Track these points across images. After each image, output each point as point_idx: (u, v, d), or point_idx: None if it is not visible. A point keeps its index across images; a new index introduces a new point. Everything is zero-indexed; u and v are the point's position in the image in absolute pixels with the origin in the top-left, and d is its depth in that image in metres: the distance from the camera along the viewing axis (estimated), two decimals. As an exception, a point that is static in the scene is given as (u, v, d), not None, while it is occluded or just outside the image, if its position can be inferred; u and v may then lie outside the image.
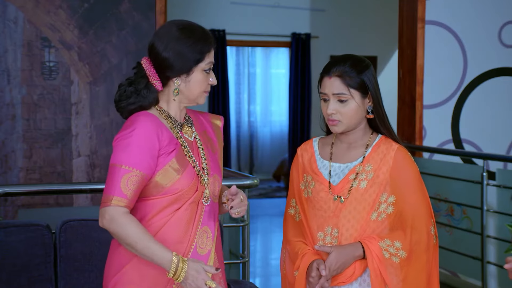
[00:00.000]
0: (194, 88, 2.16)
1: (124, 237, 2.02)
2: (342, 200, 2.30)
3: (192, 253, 2.14)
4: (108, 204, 2.03)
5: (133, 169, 2.04)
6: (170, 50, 2.11)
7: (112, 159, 2.09)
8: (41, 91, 4.58)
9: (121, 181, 2.03)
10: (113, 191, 2.04)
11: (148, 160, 2.06)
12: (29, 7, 4.55)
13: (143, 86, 2.15)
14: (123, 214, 2.03)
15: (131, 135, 2.06)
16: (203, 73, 2.15)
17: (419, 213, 2.28)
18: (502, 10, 5.50)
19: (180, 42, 2.11)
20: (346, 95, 2.28)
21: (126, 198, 2.04)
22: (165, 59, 2.12)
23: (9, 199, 4.47)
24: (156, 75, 2.15)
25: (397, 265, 2.24)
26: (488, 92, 5.50)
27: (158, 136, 2.08)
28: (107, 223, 2.03)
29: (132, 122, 2.10)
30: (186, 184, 2.12)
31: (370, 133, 2.38)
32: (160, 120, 2.14)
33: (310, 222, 2.35)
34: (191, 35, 2.12)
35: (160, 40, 2.13)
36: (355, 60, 2.31)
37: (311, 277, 2.26)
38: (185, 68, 2.12)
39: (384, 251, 2.23)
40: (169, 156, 2.10)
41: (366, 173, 2.30)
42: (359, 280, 2.30)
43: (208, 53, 2.15)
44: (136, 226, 2.02)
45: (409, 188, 2.29)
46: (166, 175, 2.09)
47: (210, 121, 2.35)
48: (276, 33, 10.11)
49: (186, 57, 2.11)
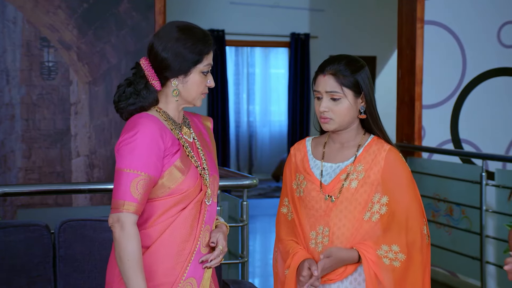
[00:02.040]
0: (191, 89, 2.15)
1: (121, 248, 2.04)
2: (333, 199, 2.30)
3: (196, 252, 2.15)
4: (121, 210, 2.04)
5: (141, 172, 2.04)
6: (169, 50, 2.11)
7: (118, 163, 2.08)
8: (40, 91, 4.58)
9: (130, 186, 2.04)
10: (124, 196, 2.04)
11: (155, 162, 2.06)
12: (28, 7, 4.55)
13: (143, 86, 2.14)
14: (133, 224, 2.05)
15: (136, 138, 2.05)
16: (201, 75, 2.15)
17: (412, 214, 2.29)
18: (501, 10, 5.50)
19: (179, 42, 2.11)
20: (339, 93, 2.29)
21: (136, 202, 2.05)
22: (164, 59, 2.12)
23: (8, 199, 4.47)
24: (155, 75, 2.15)
25: (398, 269, 2.24)
26: (487, 92, 5.50)
27: (162, 137, 2.08)
28: (118, 229, 2.05)
29: (135, 124, 2.09)
30: (191, 185, 2.13)
31: (362, 134, 2.38)
32: (161, 121, 2.14)
33: (303, 221, 2.36)
34: (190, 36, 2.12)
35: (159, 41, 2.13)
36: (350, 60, 2.32)
37: (302, 276, 2.26)
38: (183, 69, 2.12)
39: (384, 258, 2.24)
40: (173, 157, 2.11)
41: (357, 173, 2.30)
42: (350, 279, 2.30)
43: (207, 55, 2.15)
44: (137, 246, 2.04)
45: (401, 189, 2.29)
46: (171, 177, 2.10)
47: (202, 123, 2.36)
48: (275, 33, 10.11)
49: (185, 57, 2.11)
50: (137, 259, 2.04)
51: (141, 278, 2.03)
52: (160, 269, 2.11)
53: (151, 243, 2.11)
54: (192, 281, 2.15)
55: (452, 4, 5.41)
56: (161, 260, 2.11)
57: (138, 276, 2.03)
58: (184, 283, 2.13)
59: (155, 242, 2.11)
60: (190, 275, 2.14)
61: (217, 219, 2.32)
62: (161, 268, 2.11)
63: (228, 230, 2.31)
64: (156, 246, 2.11)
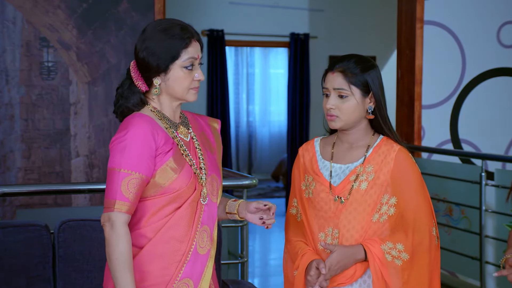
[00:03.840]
0: (175, 85, 2.15)
1: (110, 248, 2.04)
2: (343, 201, 2.29)
3: (192, 253, 2.14)
4: (112, 210, 2.04)
5: (132, 171, 2.05)
6: (144, 50, 2.12)
7: (110, 163, 2.08)
8: (39, 91, 4.58)
9: (121, 185, 2.04)
10: (115, 195, 2.04)
11: (146, 161, 2.06)
12: (28, 7, 4.54)
13: (127, 87, 2.17)
14: (124, 224, 2.05)
15: (126, 137, 2.06)
16: (184, 70, 2.14)
17: (420, 215, 2.28)
18: (501, 10, 5.50)
19: (153, 41, 2.12)
20: (346, 91, 2.28)
21: (128, 201, 2.05)
22: (142, 59, 2.13)
23: (8, 199, 4.47)
24: (139, 75, 2.16)
25: (399, 268, 2.23)
26: (486, 92, 5.50)
27: (154, 136, 2.09)
28: (108, 228, 2.05)
29: (127, 124, 2.10)
30: (184, 183, 2.12)
31: (371, 134, 2.37)
32: (155, 121, 2.14)
33: (311, 222, 2.35)
34: (164, 34, 2.12)
35: (138, 41, 2.16)
36: (360, 59, 2.32)
37: (310, 275, 2.25)
38: (161, 67, 2.12)
39: (387, 254, 2.23)
40: (166, 155, 2.11)
41: (367, 174, 2.30)
42: (359, 281, 2.29)
43: (185, 49, 2.13)
44: (126, 246, 2.04)
45: (411, 190, 2.29)
46: (164, 175, 2.10)
47: (208, 124, 2.36)
48: (274, 33, 10.10)
49: (159, 55, 2.11)
50: (126, 259, 2.03)
51: (130, 278, 2.03)
52: (153, 269, 2.11)
53: (146, 243, 2.11)
54: (188, 282, 2.13)
55: (451, 4, 5.41)
56: (154, 260, 2.11)
57: (126, 276, 2.02)
58: (179, 284, 2.12)
59: (149, 242, 2.11)
60: (186, 275, 2.13)
61: (234, 200, 2.32)
62: (155, 268, 2.11)
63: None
64: (150, 246, 2.11)
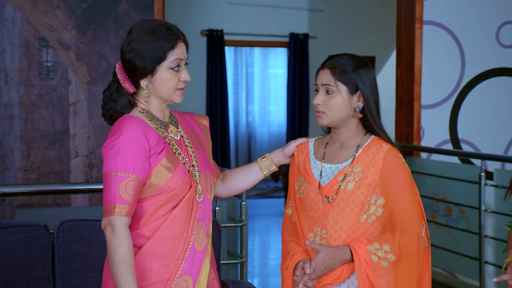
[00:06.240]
0: (162, 87, 2.15)
1: (112, 251, 2.04)
2: (330, 201, 2.29)
3: (190, 249, 2.15)
4: (112, 213, 2.05)
5: (128, 174, 2.05)
6: (130, 52, 2.12)
7: (105, 168, 2.08)
8: (38, 91, 4.58)
9: (119, 188, 2.04)
10: (114, 199, 2.05)
11: (141, 162, 2.07)
12: (27, 7, 4.54)
13: (114, 89, 2.17)
14: (125, 227, 2.05)
15: (119, 141, 2.06)
16: (170, 71, 2.14)
17: (409, 216, 2.26)
18: (500, 10, 5.50)
19: (139, 42, 2.11)
20: (332, 87, 2.28)
21: (127, 204, 2.05)
22: (128, 61, 2.13)
23: (7, 199, 4.47)
24: (126, 77, 2.16)
25: (386, 269, 2.22)
26: (486, 92, 5.50)
27: (146, 137, 2.09)
28: (109, 232, 2.05)
29: (118, 127, 2.10)
30: (179, 182, 2.13)
31: (362, 134, 2.36)
32: (145, 122, 2.14)
33: (302, 222, 2.36)
34: (150, 35, 2.12)
35: (124, 43, 2.15)
36: (351, 58, 2.32)
37: (296, 275, 2.26)
38: (148, 68, 2.12)
39: (373, 255, 2.21)
40: (159, 155, 2.11)
41: (355, 174, 2.29)
42: (347, 282, 2.28)
43: (171, 50, 2.13)
44: (128, 249, 2.04)
45: (399, 190, 2.27)
46: (159, 175, 2.11)
47: (196, 121, 2.37)
48: (274, 33, 10.11)
49: (146, 57, 2.11)
50: (128, 262, 2.04)
51: (132, 281, 2.03)
52: (153, 267, 2.12)
53: (144, 242, 2.12)
54: (187, 279, 2.15)
55: (451, 4, 5.41)
56: (154, 258, 2.12)
57: (129, 279, 2.03)
58: (179, 281, 2.13)
59: (148, 241, 2.12)
60: (185, 272, 2.14)
61: (263, 158, 2.43)
62: (154, 267, 2.12)
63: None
64: (149, 245, 2.12)
